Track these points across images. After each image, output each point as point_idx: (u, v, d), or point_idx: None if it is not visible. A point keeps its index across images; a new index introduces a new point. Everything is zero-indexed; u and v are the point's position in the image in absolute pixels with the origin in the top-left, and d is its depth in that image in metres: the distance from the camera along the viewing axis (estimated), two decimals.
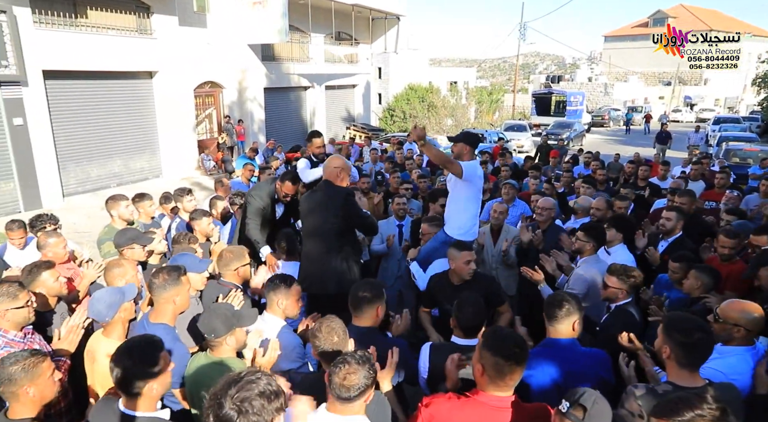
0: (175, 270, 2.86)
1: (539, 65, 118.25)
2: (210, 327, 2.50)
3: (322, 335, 2.41)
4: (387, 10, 23.95)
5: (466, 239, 4.09)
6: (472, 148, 4.19)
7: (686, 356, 2.22)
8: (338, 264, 3.85)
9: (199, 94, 16.28)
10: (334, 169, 3.95)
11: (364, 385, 2.00)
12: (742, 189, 7.59)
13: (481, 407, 2.10)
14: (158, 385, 2.12)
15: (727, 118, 30.26)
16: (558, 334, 2.56)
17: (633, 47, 60.89)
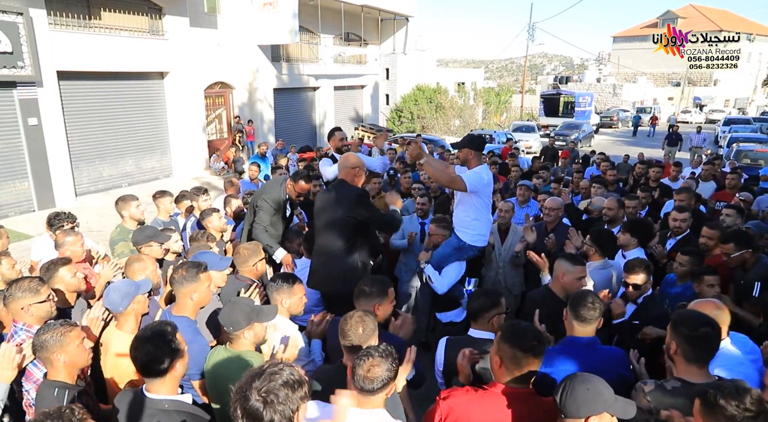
0: (194, 266, 2.94)
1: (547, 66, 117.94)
2: (230, 320, 2.56)
3: (352, 321, 2.45)
4: (396, 10, 24.01)
5: (479, 245, 4.08)
6: (478, 152, 4.05)
7: (693, 350, 2.25)
8: (345, 263, 3.84)
9: (209, 94, 16.41)
10: (351, 169, 3.94)
11: (387, 378, 2.04)
12: (754, 190, 7.58)
13: (499, 399, 2.14)
14: (180, 365, 2.22)
15: (737, 119, 30.02)
16: (581, 333, 2.59)
17: (642, 48, 60.44)
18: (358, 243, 3.89)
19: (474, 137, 4.13)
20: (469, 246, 4.04)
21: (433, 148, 13.03)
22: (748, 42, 58.76)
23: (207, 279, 2.97)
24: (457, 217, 4.15)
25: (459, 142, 4.17)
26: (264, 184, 4.94)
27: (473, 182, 3.82)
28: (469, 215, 4.00)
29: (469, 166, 4.03)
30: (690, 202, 5.41)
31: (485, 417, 2.12)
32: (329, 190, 4.07)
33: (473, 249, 4.08)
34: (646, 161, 9.29)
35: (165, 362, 2.15)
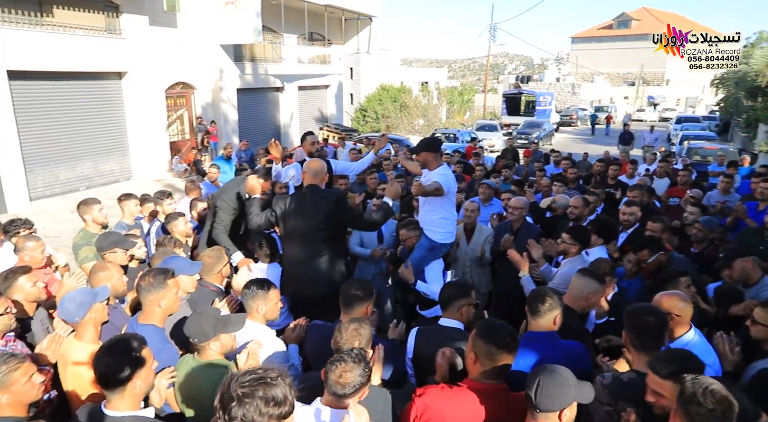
0: (161, 272, 2.87)
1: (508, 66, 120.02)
2: (195, 331, 2.51)
3: (347, 334, 2.43)
4: (359, 10, 24.00)
5: (447, 242, 4.18)
6: (436, 154, 4.18)
7: (637, 339, 2.41)
8: (328, 267, 3.87)
9: (170, 94, 16.03)
10: (325, 176, 4.01)
11: (359, 383, 2.07)
12: (703, 185, 7.95)
13: (473, 395, 2.19)
14: (141, 382, 2.13)
15: (688, 118, 31.37)
16: (539, 328, 2.67)
17: (599, 48, 62.50)
18: (336, 246, 3.95)
19: (430, 140, 4.29)
20: (441, 245, 4.15)
21: (398, 148, 13.12)
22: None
23: (175, 286, 2.91)
24: (424, 218, 4.24)
25: (416, 147, 4.27)
26: (223, 185, 4.86)
27: (446, 184, 3.99)
28: (437, 214, 4.10)
29: (429, 167, 4.14)
30: (642, 198, 5.67)
31: (460, 414, 2.17)
32: (303, 195, 4.03)
33: (445, 246, 4.21)
34: (605, 159, 9.59)
35: (126, 376, 2.07)
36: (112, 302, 3.21)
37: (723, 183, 6.85)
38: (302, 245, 3.90)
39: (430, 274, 4.20)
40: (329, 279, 3.84)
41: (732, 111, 26.00)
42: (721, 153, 13.18)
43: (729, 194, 6.70)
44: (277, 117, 21.73)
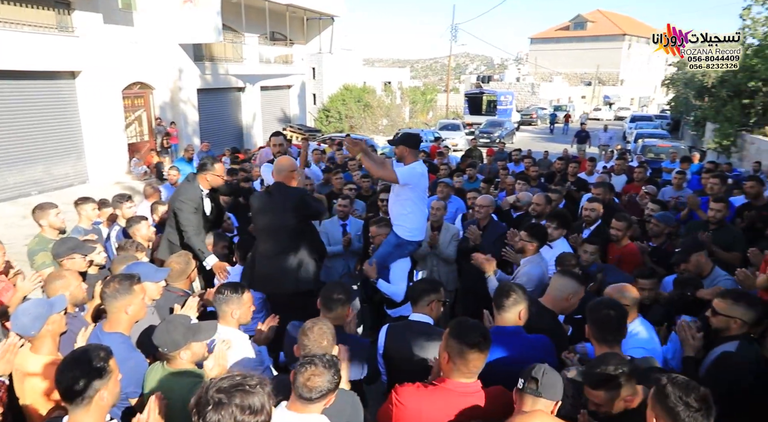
0: (127, 278, 2.79)
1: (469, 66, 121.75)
2: (165, 340, 2.43)
3: (312, 336, 2.40)
4: (321, 10, 23.88)
5: (417, 239, 4.14)
6: (413, 149, 4.14)
7: (598, 331, 2.52)
8: (294, 264, 3.85)
9: (127, 95, 15.55)
10: (290, 173, 3.96)
11: (327, 389, 2.02)
12: (658, 182, 8.28)
13: (448, 394, 2.23)
14: (108, 394, 2.05)
15: (641, 117, 32.56)
16: (505, 322, 2.72)
17: (557, 49, 64.15)
18: (306, 242, 3.92)
19: (409, 135, 4.23)
20: (408, 242, 4.08)
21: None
22: (647, 45, 63.75)
23: (142, 291, 2.83)
24: (392, 213, 4.21)
25: (395, 139, 4.25)
26: (177, 190, 4.70)
27: (405, 175, 3.93)
28: (405, 209, 4.06)
29: (404, 162, 4.11)
30: (605, 195, 5.88)
31: (436, 412, 2.20)
32: (269, 193, 4.01)
33: (412, 244, 4.14)
34: (565, 157, 9.87)
35: (92, 389, 1.99)
36: (72, 311, 3.10)
37: (676, 179, 7.14)
38: (270, 242, 3.89)
39: (395, 274, 4.13)
40: (296, 276, 3.82)
41: (682, 110, 27.15)
42: (673, 150, 13.76)
43: (682, 190, 6.99)
44: (240, 117, 21.39)
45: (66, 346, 2.75)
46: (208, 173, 4.50)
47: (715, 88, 18.54)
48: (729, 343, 2.68)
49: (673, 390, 1.77)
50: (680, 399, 1.75)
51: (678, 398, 1.75)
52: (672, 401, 1.75)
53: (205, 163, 4.58)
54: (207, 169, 4.50)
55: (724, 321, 2.73)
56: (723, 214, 4.81)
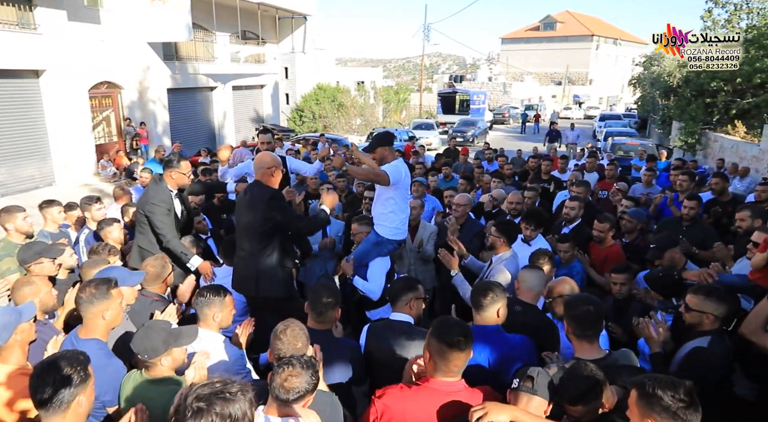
0: (103, 283, 2.69)
1: (442, 65, 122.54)
2: (145, 347, 2.37)
3: (286, 339, 2.35)
4: (293, 9, 23.69)
5: (398, 238, 4.10)
6: (390, 147, 4.13)
7: (577, 327, 2.55)
8: (266, 266, 3.70)
9: (94, 95, 15.15)
10: (267, 170, 3.78)
11: (305, 390, 1.98)
12: (628, 179, 8.47)
13: (432, 393, 2.20)
14: (86, 399, 2.00)
15: (610, 116, 33.35)
16: (484, 321, 2.72)
17: (527, 49, 65.15)
18: (276, 245, 3.73)
19: (382, 135, 4.20)
20: (388, 241, 4.04)
21: (336, 148, 13.07)
22: (615, 46, 65.30)
23: (119, 296, 2.74)
24: (374, 212, 4.17)
25: (370, 145, 4.20)
26: (145, 191, 4.50)
27: (393, 174, 3.90)
28: (386, 208, 4.02)
29: (385, 162, 4.07)
30: (586, 194, 5.95)
31: (420, 413, 2.18)
32: (245, 192, 3.92)
33: (392, 243, 4.08)
34: (538, 155, 10.01)
35: (70, 397, 1.92)
36: (41, 318, 2.99)
37: (646, 176, 7.32)
38: (244, 242, 3.77)
39: (373, 272, 4.07)
40: (268, 279, 3.69)
41: (649, 109, 27.83)
42: (641, 148, 14.10)
43: (651, 186, 7.17)
44: (211, 117, 21.06)
45: (35, 355, 2.65)
46: (174, 171, 4.34)
47: (679, 88, 19.07)
48: (701, 339, 2.72)
49: (664, 391, 1.76)
50: (674, 397, 1.75)
51: (672, 397, 1.75)
52: (666, 401, 1.75)
53: (171, 159, 4.43)
54: (172, 166, 4.34)
55: (696, 316, 2.76)
56: (696, 211, 4.92)
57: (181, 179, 4.40)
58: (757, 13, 15.81)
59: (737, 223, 4.54)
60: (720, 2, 16.50)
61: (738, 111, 15.79)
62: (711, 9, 16.83)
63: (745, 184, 9.37)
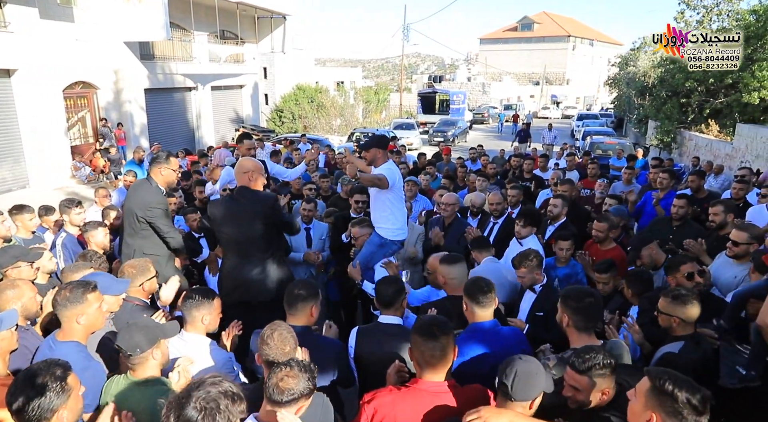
0: (80, 286, 2.62)
1: (421, 65, 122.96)
2: (131, 344, 2.31)
3: (273, 343, 2.31)
4: (272, 8, 23.52)
5: (400, 238, 4.17)
6: (384, 151, 4.21)
7: (582, 320, 2.53)
8: (275, 270, 3.75)
9: (69, 95, 14.81)
10: (247, 174, 3.78)
11: (300, 393, 1.93)
12: (607, 176, 8.63)
13: (421, 394, 2.20)
14: (69, 412, 1.94)
15: (588, 115, 33.88)
16: (482, 318, 2.74)
17: (506, 49, 65.82)
18: (279, 248, 3.87)
19: (380, 137, 4.31)
20: (391, 242, 4.11)
21: (318, 148, 13.02)
22: (590, 46, 66.38)
23: (97, 300, 2.65)
24: (374, 215, 4.23)
25: (366, 143, 4.25)
26: (135, 193, 4.25)
27: (391, 177, 3.96)
28: (385, 211, 4.08)
29: (376, 164, 4.12)
30: (571, 192, 6.03)
31: (410, 414, 2.18)
32: (235, 199, 3.83)
33: (395, 243, 4.16)
34: (520, 155, 10.11)
35: (46, 411, 1.86)
36: (23, 324, 2.91)
37: (626, 174, 7.45)
38: (240, 250, 3.74)
39: (381, 274, 4.09)
40: (269, 283, 3.72)
41: (625, 108, 28.35)
42: (619, 147, 14.35)
43: (631, 184, 7.30)
44: (190, 118, 20.79)
45: (19, 361, 2.59)
46: (162, 167, 4.17)
47: (654, 88, 19.45)
48: (673, 344, 2.74)
49: (681, 392, 1.73)
50: (689, 401, 1.72)
51: (687, 400, 1.72)
52: (679, 403, 1.72)
53: (159, 155, 4.30)
54: (161, 162, 4.19)
55: (666, 319, 2.79)
56: (685, 211, 4.94)
57: (170, 176, 4.27)
58: (727, 14, 16.24)
59: (711, 218, 4.62)
60: (692, 5, 16.90)
61: (711, 110, 16.20)
62: (683, 11, 17.23)
63: (719, 181, 9.61)
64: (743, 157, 12.38)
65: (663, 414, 1.74)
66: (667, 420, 1.73)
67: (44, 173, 13.74)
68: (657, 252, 4.05)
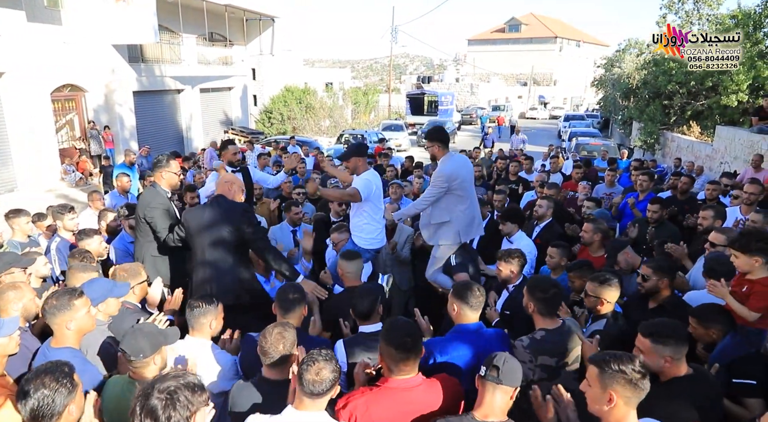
0: (65, 294, 2.67)
1: (409, 66, 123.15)
2: (136, 348, 2.40)
3: (271, 339, 2.45)
4: (261, 11, 23.53)
5: (375, 247, 4.29)
6: (363, 158, 4.30)
7: (547, 308, 2.82)
8: (246, 275, 3.81)
9: (57, 98, 14.75)
10: (228, 184, 3.89)
11: (334, 379, 2.12)
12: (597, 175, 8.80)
13: (392, 392, 2.31)
14: (76, 407, 2.06)
15: (574, 116, 34.21)
16: (469, 319, 2.84)
17: (493, 50, 66.18)
18: (246, 253, 3.87)
19: (359, 146, 4.38)
20: (365, 250, 4.23)
21: (308, 150, 13.11)
22: (577, 48, 66.98)
23: (84, 305, 2.69)
24: (351, 223, 4.35)
25: (344, 154, 4.34)
26: (142, 199, 4.45)
27: (364, 190, 4.09)
28: (361, 220, 4.21)
29: (357, 172, 4.24)
30: (557, 195, 6.21)
31: (384, 412, 2.28)
32: (211, 205, 3.88)
33: (369, 252, 4.29)
34: (506, 157, 10.30)
35: (62, 405, 1.99)
36: (23, 324, 2.99)
37: (609, 176, 7.64)
38: (218, 254, 3.76)
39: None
40: (249, 287, 3.78)
41: (611, 109, 28.73)
42: (603, 149, 14.60)
43: (614, 187, 7.50)
44: (179, 120, 20.76)
45: (17, 362, 2.67)
46: (164, 170, 4.32)
47: (639, 90, 19.78)
48: (598, 322, 3.18)
49: (626, 366, 2.00)
50: (633, 370, 1.99)
51: (632, 370, 1.99)
52: (628, 374, 1.99)
53: (160, 159, 4.43)
54: (161, 165, 4.34)
55: (593, 301, 3.19)
56: (659, 214, 5.12)
57: (172, 179, 4.40)
58: (707, 19, 16.60)
59: (699, 221, 4.78)
60: (673, 8, 17.26)
61: (692, 112, 16.54)
62: (665, 15, 17.59)
63: (700, 182, 9.86)
64: (723, 158, 12.67)
65: (620, 388, 1.98)
66: (625, 391, 1.98)
67: (32, 176, 13.69)
68: (632, 256, 4.17)
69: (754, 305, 3.01)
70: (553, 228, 5.14)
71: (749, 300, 3.04)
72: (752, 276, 3.11)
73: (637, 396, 2.00)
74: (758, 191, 5.20)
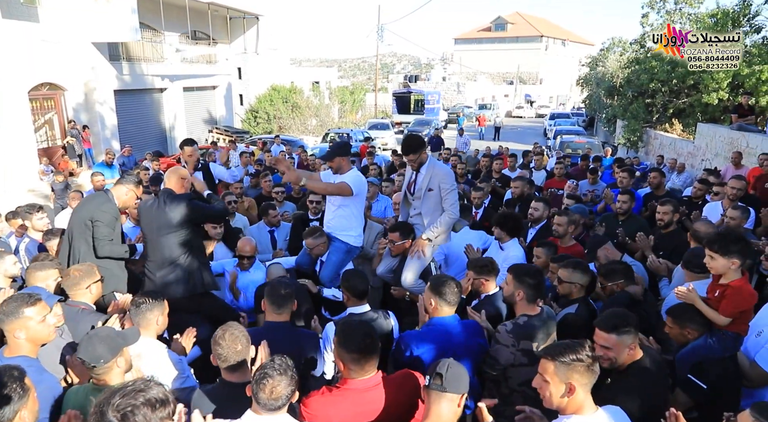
0: (16, 300, 2.55)
1: (396, 65, 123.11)
2: (95, 355, 2.28)
3: (225, 343, 2.40)
4: (244, 9, 23.35)
5: (359, 244, 4.32)
6: (347, 158, 4.26)
7: (534, 294, 2.90)
8: (192, 267, 3.74)
9: (35, 97, 14.49)
10: (181, 179, 3.88)
11: (291, 392, 2.05)
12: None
13: (351, 393, 2.28)
14: (28, 413, 1.97)
15: (560, 114, 34.42)
16: (445, 313, 2.83)
17: (480, 49, 66.46)
18: (196, 246, 3.83)
19: (341, 145, 4.32)
20: (354, 247, 4.30)
21: (291, 149, 13.04)
22: (563, 46, 67.50)
23: (38, 313, 2.55)
24: (336, 222, 4.27)
25: (328, 154, 4.27)
26: (87, 197, 4.30)
27: (357, 185, 4.09)
28: (350, 218, 4.20)
29: (341, 172, 4.19)
30: (523, 189, 6.19)
31: (345, 413, 2.25)
32: (155, 201, 3.82)
33: (357, 249, 4.36)
34: (489, 155, 10.29)
35: (8, 412, 1.89)
36: None
37: (590, 176, 7.65)
38: (159, 249, 3.72)
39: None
40: (194, 279, 3.73)
41: (595, 108, 28.95)
42: (588, 146, 14.68)
43: (597, 184, 7.52)
44: (162, 119, 20.53)
45: None
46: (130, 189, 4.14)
47: (622, 88, 19.93)
48: (570, 307, 3.31)
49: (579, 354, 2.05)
50: (587, 356, 2.06)
51: (586, 356, 2.06)
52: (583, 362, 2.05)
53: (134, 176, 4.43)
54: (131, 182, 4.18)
55: (567, 287, 3.36)
56: (629, 205, 5.18)
57: (128, 202, 4.21)
58: (688, 18, 16.76)
59: (659, 217, 4.71)
60: (656, 8, 17.41)
61: (674, 110, 16.70)
62: (647, 14, 17.74)
63: (682, 178, 9.95)
64: (704, 155, 12.79)
65: (578, 376, 2.03)
66: (583, 378, 2.04)
67: (11, 176, 13.41)
68: (612, 252, 4.16)
69: (725, 309, 2.95)
70: (549, 230, 5.06)
71: (720, 304, 2.99)
72: (725, 279, 3.03)
73: (592, 381, 2.06)
74: (742, 187, 5.30)
